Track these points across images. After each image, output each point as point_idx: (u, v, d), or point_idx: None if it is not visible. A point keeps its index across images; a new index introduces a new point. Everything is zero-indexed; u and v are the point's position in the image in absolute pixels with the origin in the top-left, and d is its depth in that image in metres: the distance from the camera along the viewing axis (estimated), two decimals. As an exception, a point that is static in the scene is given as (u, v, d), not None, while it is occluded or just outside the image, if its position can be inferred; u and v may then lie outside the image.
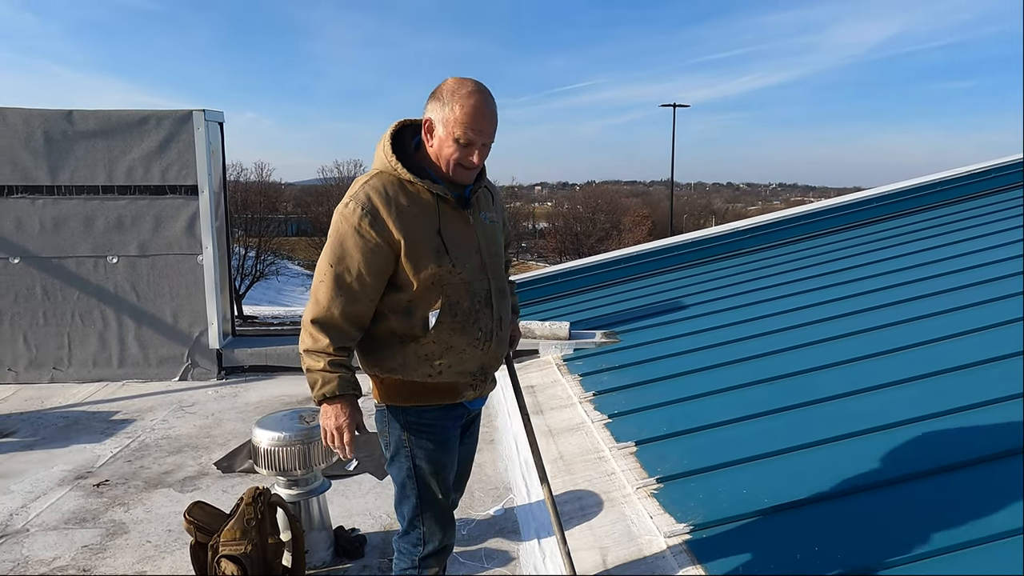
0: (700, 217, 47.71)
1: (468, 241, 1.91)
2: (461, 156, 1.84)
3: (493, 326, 1.97)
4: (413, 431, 1.95)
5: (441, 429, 1.98)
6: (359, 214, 1.80)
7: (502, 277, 2.04)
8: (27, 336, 5.10)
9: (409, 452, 1.96)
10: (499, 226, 2.09)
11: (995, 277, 4.14)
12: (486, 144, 1.87)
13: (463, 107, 1.79)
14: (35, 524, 3.04)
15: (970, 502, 2.19)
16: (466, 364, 1.94)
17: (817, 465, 2.60)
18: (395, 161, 1.85)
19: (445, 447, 2.00)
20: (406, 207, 1.83)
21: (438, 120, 1.83)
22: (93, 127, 4.97)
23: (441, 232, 1.86)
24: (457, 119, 1.80)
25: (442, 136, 1.83)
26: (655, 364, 4.15)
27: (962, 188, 6.91)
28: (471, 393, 1.99)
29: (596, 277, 7.13)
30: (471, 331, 1.92)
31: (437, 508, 2.00)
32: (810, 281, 5.17)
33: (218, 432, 4.17)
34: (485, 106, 1.82)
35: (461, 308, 1.89)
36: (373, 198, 1.82)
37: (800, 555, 2.12)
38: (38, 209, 5.02)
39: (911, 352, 3.42)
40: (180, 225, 5.10)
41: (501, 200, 2.19)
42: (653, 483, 2.76)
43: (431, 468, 1.97)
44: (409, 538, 2.03)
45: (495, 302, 1.97)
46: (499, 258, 2.03)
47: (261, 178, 32.13)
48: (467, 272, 1.89)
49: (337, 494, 3.24)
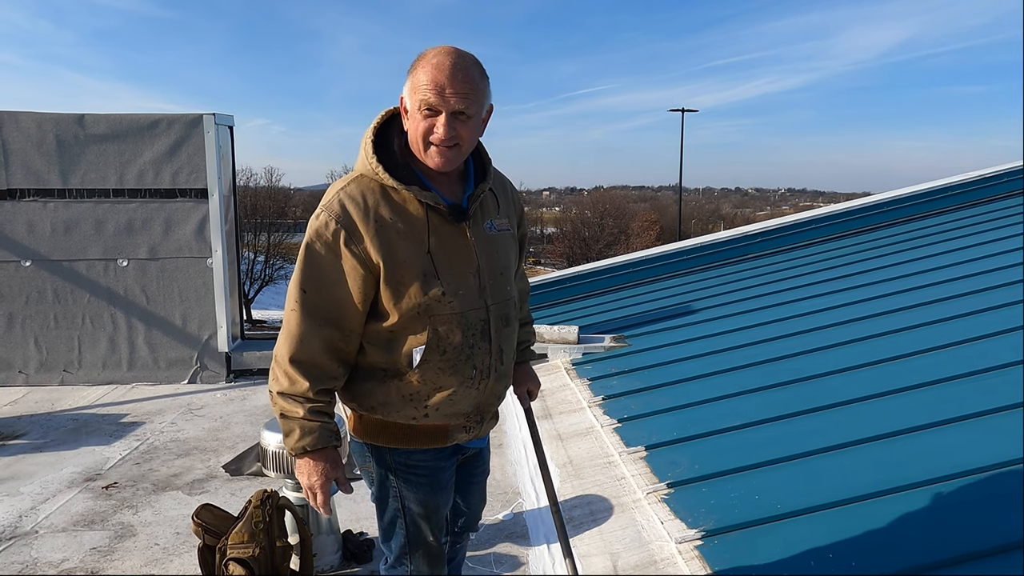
0: (708, 222, 47.63)
1: (464, 261, 1.61)
2: (426, 129, 1.51)
3: (492, 361, 1.68)
4: (400, 472, 1.71)
5: (432, 471, 1.73)
6: (332, 229, 1.53)
7: (505, 301, 1.71)
8: (38, 339, 5.12)
9: (397, 493, 1.73)
10: (510, 234, 1.77)
11: (1008, 282, 4.10)
12: (460, 113, 1.50)
13: (425, 67, 1.48)
14: (44, 526, 3.04)
15: (989, 509, 2.15)
16: (457, 406, 1.67)
17: (830, 471, 2.57)
18: (375, 163, 1.55)
19: (437, 488, 1.75)
20: (388, 221, 1.53)
21: (407, 93, 1.54)
22: (104, 131, 5.00)
23: (431, 252, 1.56)
24: (418, 82, 1.49)
25: (410, 110, 1.54)
26: (665, 368, 4.12)
27: (971, 193, 6.86)
28: (464, 436, 1.73)
29: (605, 281, 7.11)
30: (463, 369, 1.63)
31: (427, 547, 1.79)
32: (820, 286, 5.13)
33: (226, 435, 4.16)
34: (451, 64, 1.47)
35: (451, 344, 1.60)
36: (349, 209, 1.53)
37: (814, 562, 2.09)
38: (49, 212, 5.04)
39: (923, 357, 3.38)
40: (190, 228, 5.12)
41: (515, 197, 1.85)
42: (664, 488, 2.73)
43: (422, 510, 1.74)
44: (397, 571, 1.84)
45: (493, 333, 1.67)
46: (504, 277, 1.71)
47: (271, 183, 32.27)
48: (459, 300, 1.59)
49: (345, 498, 3.23)
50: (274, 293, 29.02)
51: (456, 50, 1.51)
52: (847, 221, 7.00)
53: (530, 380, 2.07)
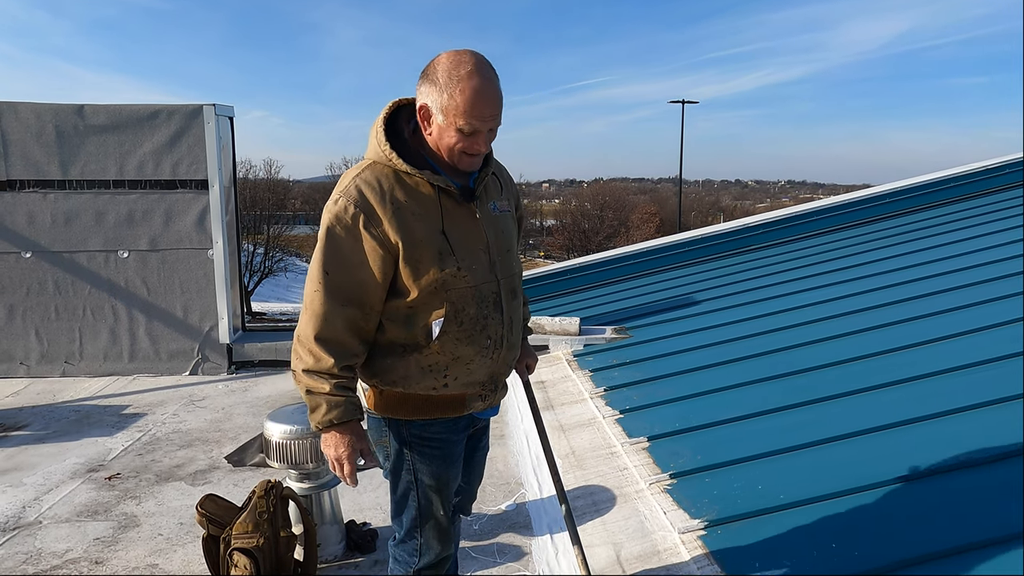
0: (708, 214, 47.56)
1: (475, 239, 1.72)
2: (466, 146, 1.64)
3: (504, 331, 1.79)
4: (415, 445, 1.80)
5: (446, 443, 1.83)
6: (351, 212, 1.61)
7: (513, 276, 1.84)
8: (39, 330, 5.12)
9: (411, 466, 1.81)
10: (511, 215, 1.89)
11: (1010, 273, 4.10)
12: (492, 128, 1.66)
13: (463, 93, 1.57)
14: (47, 517, 3.05)
15: (992, 500, 2.16)
16: (474, 375, 1.77)
17: (833, 461, 2.57)
18: (389, 150, 1.65)
19: (450, 461, 1.85)
20: (404, 203, 1.63)
21: (435, 107, 1.61)
22: (104, 121, 4.98)
23: (445, 231, 1.66)
24: (458, 108, 1.58)
25: (442, 125, 1.62)
26: (666, 360, 4.12)
27: (972, 185, 6.84)
28: (480, 404, 1.84)
29: (606, 273, 7.10)
30: (479, 339, 1.74)
31: (437, 521, 1.86)
32: (821, 278, 5.13)
33: (229, 426, 4.17)
34: (488, 88, 1.60)
35: (467, 315, 1.71)
36: (366, 194, 1.62)
37: (817, 552, 2.09)
38: (49, 203, 5.03)
39: (925, 348, 3.38)
40: (190, 219, 5.11)
41: (512, 183, 1.97)
42: (666, 479, 2.74)
43: (434, 483, 1.83)
44: (405, 547, 1.90)
45: (504, 305, 1.79)
46: (510, 254, 1.83)
47: (270, 175, 32.22)
48: (473, 275, 1.70)
49: (348, 489, 3.23)
50: (274, 285, 29.01)
51: (485, 66, 1.61)
52: (847, 213, 6.99)
53: (528, 355, 2.14)
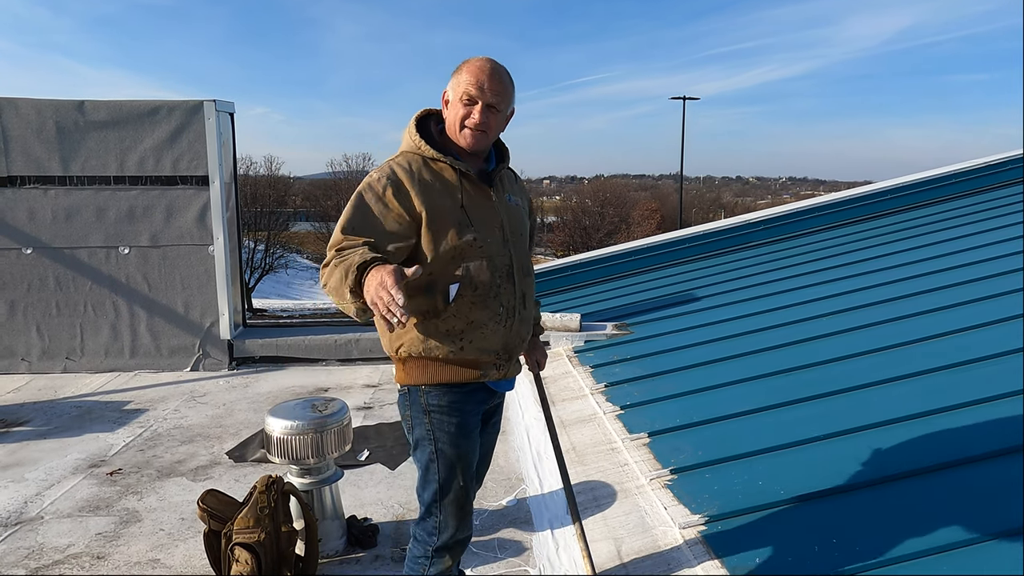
0: (709, 211, 47.49)
1: (490, 216, 1.93)
2: (464, 114, 1.88)
3: (515, 303, 1.96)
4: (435, 413, 1.94)
5: (463, 413, 1.95)
6: (383, 183, 1.84)
7: (525, 255, 2.04)
8: (40, 326, 5.12)
9: (432, 436, 1.94)
10: (523, 210, 2.09)
11: (1011, 269, 4.09)
12: (491, 106, 1.88)
13: (470, 68, 1.88)
14: (49, 512, 3.06)
15: (994, 495, 2.16)
16: (488, 341, 1.92)
17: (833, 457, 2.57)
18: (419, 139, 1.92)
19: (466, 432, 1.97)
20: (429, 181, 1.87)
21: (451, 88, 1.92)
22: (104, 117, 4.97)
23: (465, 206, 1.88)
24: (463, 79, 1.88)
25: (452, 99, 1.91)
26: (667, 356, 4.12)
27: (973, 181, 6.83)
28: (495, 372, 1.96)
29: (607, 269, 7.10)
30: (492, 305, 1.91)
31: (456, 496, 1.97)
32: (822, 273, 5.13)
33: (230, 422, 4.17)
34: (492, 68, 1.89)
35: (481, 281, 1.88)
36: (397, 171, 1.87)
37: (818, 547, 2.10)
38: (50, 199, 5.03)
39: (926, 344, 3.38)
40: (191, 216, 5.11)
41: (526, 191, 2.20)
42: (667, 474, 2.74)
43: (454, 453, 1.95)
44: (425, 525, 2.01)
45: (517, 278, 1.96)
46: (523, 238, 2.03)
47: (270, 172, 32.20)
48: (488, 246, 1.89)
49: (349, 484, 3.24)
50: (274, 282, 29.03)
51: (494, 60, 1.92)
52: (848, 209, 6.99)
53: (538, 350, 2.31)
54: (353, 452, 3.59)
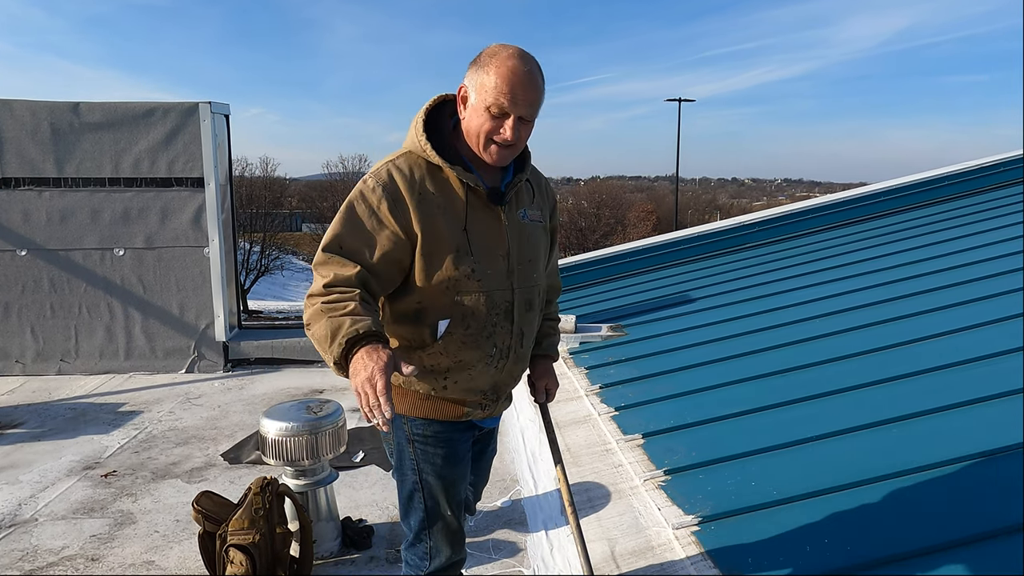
0: (705, 213, 47.59)
1: (495, 243, 1.68)
2: (492, 128, 1.58)
3: (512, 343, 1.74)
4: (418, 443, 1.76)
5: (449, 442, 1.79)
6: (378, 194, 1.60)
7: (532, 287, 1.77)
8: (34, 328, 5.11)
9: (415, 465, 1.78)
10: (541, 226, 1.82)
11: (1007, 270, 4.12)
12: (523, 118, 1.58)
13: (499, 70, 1.54)
14: (44, 514, 3.05)
15: (984, 494, 2.17)
16: (475, 382, 1.73)
17: (826, 458, 2.58)
18: (425, 141, 1.63)
19: (454, 461, 1.80)
20: (431, 195, 1.62)
21: (472, 86, 1.60)
22: (99, 119, 4.97)
23: (467, 229, 1.63)
24: (490, 84, 1.55)
25: (474, 105, 1.60)
26: (661, 357, 4.13)
27: (971, 182, 6.86)
28: (479, 413, 1.80)
29: (602, 271, 7.11)
30: (484, 346, 1.70)
31: (445, 523, 1.82)
32: (817, 275, 5.15)
33: (225, 424, 4.17)
34: (525, 71, 1.55)
35: (476, 319, 1.67)
36: (396, 179, 1.61)
37: (810, 547, 2.11)
38: (45, 201, 5.02)
39: (919, 345, 3.40)
40: (186, 217, 5.10)
41: (550, 192, 1.91)
42: (661, 475, 2.75)
43: (440, 483, 1.78)
44: (416, 550, 1.86)
45: (516, 316, 1.73)
46: (532, 264, 1.76)
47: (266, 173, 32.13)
48: (488, 279, 1.66)
49: (344, 485, 3.24)
50: (270, 284, 28.97)
51: (527, 55, 1.59)
52: (844, 211, 7.01)
53: (549, 377, 2.05)
54: (348, 454, 3.59)
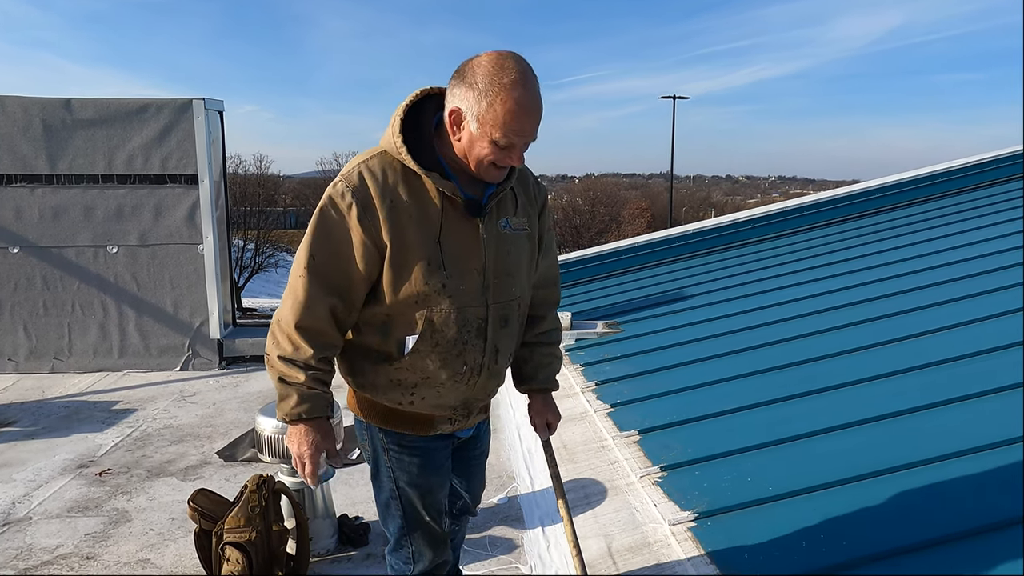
0: (699, 210, 47.64)
1: (470, 256, 1.58)
2: (498, 159, 1.51)
3: (484, 360, 1.65)
4: (393, 452, 1.72)
5: (424, 451, 1.73)
6: (347, 200, 1.51)
7: (510, 302, 1.66)
8: (27, 326, 5.08)
9: (391, 472, 1.73)
10: (526, 234, 1.70)
11: (1006, 265, 4.14)
12: (527, 144, 1.54)
13: (505, 104, 1.43)
14: (38, 512, 3.04)
15: (976, 490, 2.19)
16: (444, 398, 1.67)
17: (821, 453, 2.60)
18: (400, 144, 1.52)
19: (431, 470, 1.75)
20: (403, 203, 1.52)
21: (470, 114, 1.47)
22: (92, 115, 4.94)
23: (441, 241, 1.54)
24: (497, 119, 1.45)
25: (475, 134, 1.49)
26: (657, 354, 4.14)
27: (962, 180, 6.90)
28: (448, 427, 1.74)
29: (597, 268, 7.12)
30: (453, 364, 1.62)
31: (424, 528, 1.78)
32: (811, 272, 5.17)
33: (220, 421, 4.16)
34: (531, 102, 1.46)
35: (445, 337, 1.58)
36: (367, 182, 1.52)
37: (805, 542, 2.12)
38: (37, 198, 4.99)
39: (913, 342, 3.41)
40: (180, 214, 5.08)
41: (537, 190, 1.78)
42: (657, 471, 2.76)
43: (416, 492, 1.74)
44: (399, 555, 1.83)
45: (490, 333, 1.63)
46: (511, 278, 1.65)
47: (259, 170, 31.99)
48: (460, 295, 1.57)
49: (341, 483, 3.24)
50: (264, 281, 28.88)
51: (529, 77, 1.47)
52: (837, 208, 7.03)
53: (550, 411, 1.96)
54: (344, 451, 3.58)
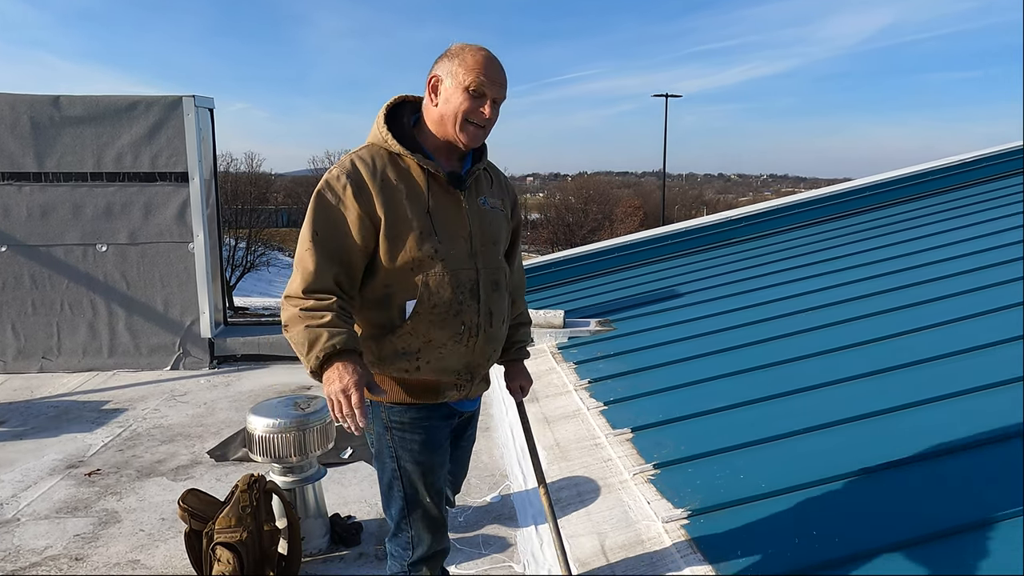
0: (691, 208, 47.79)
1: (457, 225, 1.77)
2: (471, 108, 1.70)
3: (480, 321, 1.79)
4: (396, 430, 1.81)
5: (427, 430, 1.83)
6: (343, 182, 1.70)
7: (496, 268, 1.85)
8: (15, 325, 5.04)
9: (393, 452, 1.82)
10: (502, 214, 1.91)
11: (995, 263, 4.16)
12: (496, 100, 1.74)
13: (475, 57, 1.70)
14: (26, 513, 3.01)
15: (970, 484, 2.19)
16: (447, 361, 1.78)
17: (814, 450, 2.60)
18: (386, 132, 1.76)
19: (433, 447, 1.84)
20: (393, 182, 1.72)
21: (445, 73, 1.72)
22: (80, 113, 4.89)
23: (430, 212, 1.73)
24: (468, 67, 1.69)
25: (450, 88, 1.71)
26: (650, 352, 4.14)
27: (952, 178, 6.94)
28: (455, 393, 1.84)
29: (590, 266, 7.12)
30: (452, 324, 1.75)
31: (425, 510, 1.86)
32: (803, 269, 5.18)
33: (211, 421, 4.13)
34: (495, 59, 1.74)
35: (441, 299, 1.73)
36: (359, 167, 1.72)
37: (798, 539, 2.12)
38: (25, 196, 4.94)
39: (907, 338, 3.43)
40: (170, 213, 5.04)
41: (509, 188, 2.00)
42: (650, 469, 2.75)
43: (418, 469, 1.82)
44: (398, 540, 1.90)
45: (483, 294, 1.79)
46: (495, 247, 1.85)
47: (251, 168, 31.82)
48: (451, 259, 1.74)
49: (333, 482, 3.22)
50: (256, 280, 28.75)
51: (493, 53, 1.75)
52: (828, 206, 7.06)
53: (523, 377, 2.15)
54: (336, 450, 3.57)
